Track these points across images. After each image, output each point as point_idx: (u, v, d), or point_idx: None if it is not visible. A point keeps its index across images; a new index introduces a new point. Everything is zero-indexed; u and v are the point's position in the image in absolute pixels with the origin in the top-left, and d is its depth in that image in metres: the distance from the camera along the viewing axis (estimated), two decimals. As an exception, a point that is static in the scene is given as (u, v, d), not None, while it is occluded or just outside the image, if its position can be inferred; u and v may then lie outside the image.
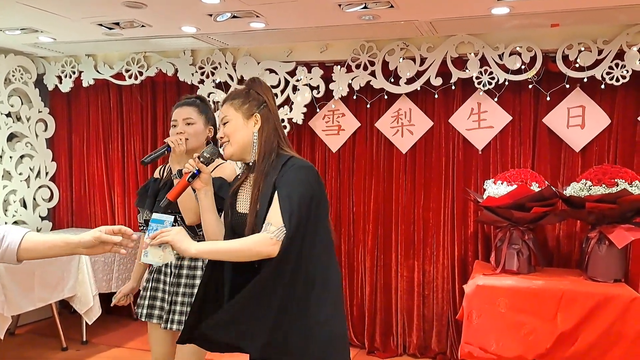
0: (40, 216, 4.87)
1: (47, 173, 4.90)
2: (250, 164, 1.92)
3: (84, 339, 4.20)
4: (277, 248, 1.70)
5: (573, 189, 3.23)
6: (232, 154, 1.90)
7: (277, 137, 1.89)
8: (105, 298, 4.23)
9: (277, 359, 1.74)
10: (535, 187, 3.23)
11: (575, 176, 3.52)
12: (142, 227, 2.60)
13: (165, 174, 2.53)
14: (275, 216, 1.72)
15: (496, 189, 3.32)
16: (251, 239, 1.74)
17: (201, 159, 1.94)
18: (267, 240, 1.70)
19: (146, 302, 2.50)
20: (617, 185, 3.05)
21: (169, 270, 2.46)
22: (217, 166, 2.42)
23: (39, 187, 4.84)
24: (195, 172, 1.91)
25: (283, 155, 1.85)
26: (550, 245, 3.73)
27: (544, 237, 3.72)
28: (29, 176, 4.74)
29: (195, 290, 2.34)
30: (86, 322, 4.11)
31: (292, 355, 1.73)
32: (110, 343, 4.24)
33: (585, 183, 3.17)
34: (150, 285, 2.52)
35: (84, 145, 4.91)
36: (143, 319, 2.51)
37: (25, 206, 4.73)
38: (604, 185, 3.09)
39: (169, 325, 2.41)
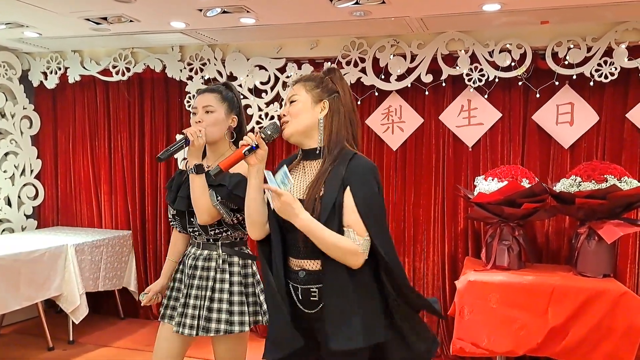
0: (25, 214, 4.79)
1: (32, 171, 4.82)
2: (317, 150, 1.88)
3: (71, 339, 4.13)
4: (361, 261, 1.74)
5: (563, 185, 3.25)
6: (292, 134, 1.88)
7: (347, 132, 1.88)
8: (92, 297, 4.20)
9: None
10: (525, 184, 3.25)
11: (564, 173, 3.55)
12: (171, 222, 2.44)
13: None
14: (357, 224, 1.74)
15: (487, 185, 3.33)
16: (347, 246, 1.73)
17: (262, 135, 1.87)
18: (356, 252, 1.73)
19: (169, 303, 2.38)
20: (607, 181, 3.08)
21: (185, 271, 2.33)
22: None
23: (24, 185, 4.76)
24: (253, 146, 1.85)
25: (348, 150, 1.85)
26: (539, 242, 3.75)
27: (533, 234, 3.75)
28: (13, 174, 4.66)
29: (208, 293, 2.25)
30: (73, 322, 4.04)
31: None
32: (98, 342, 4.18)
33: (575, 179, 3.19)
34: (174, 284, 2.40)
35: (70, 142, 4.84)
36: (159, 319, 2.38)
37: (9, 204, 4.65)
38: (593, 181, 3.11)
39: (180, 330, 2.25)
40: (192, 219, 2.31)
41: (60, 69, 4.61)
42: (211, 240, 2.31)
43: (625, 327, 2.89)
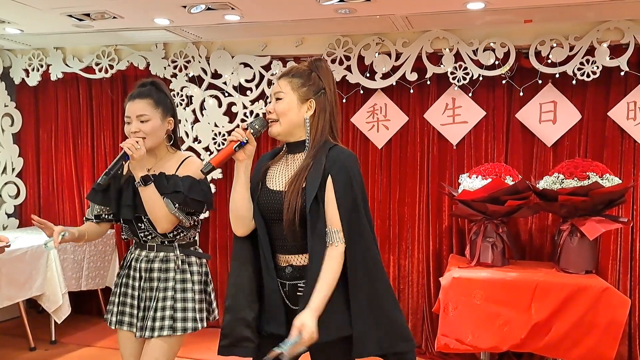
0: (6, 213, 4.72)
1: (13, 169, 4.76)
2: (301, 145, 1.87)
3: (53, 339, 4.08)
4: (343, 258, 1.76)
5: (546, 183, 3.28)
6: (279, 133, 1.88)
7: (330, 127, 1.88)
8: (74, 296, 4.15)
9: None
10: (509, 181, 3.28)
11: (547, 170, 3.59)
12: (94, 220, 2.37)
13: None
14: (336, 219, 1.75)
15: (471, 182, 3.35)
16: (332, 266, 1.74)
17: (251, 130, 1.84)
18: (340, 254, 1.75)
19: (116, 309, 2.30)
20: (589, 179, 3.11)
21: (137, 275, 2.27)
22: (183, 160, 2.24)
23: (5, 184, 4.70)
24: (243, 142, 1.83)
25: (328, 143, 1.85)
26: (522, 239, 3.79)
27: (516, 231, 3.78)
28: (-6, 172, 4.61)
29: (169, 294, 2.22)
30: (55, 322, 3.99)
31: None
32: (80, 342, 4.13)
33: (558, 176, 3.22)
34: (119, 290, 2.32)
35: (52, 140, 4.78)
36: (113, 327, 2.30)
37: (-10, 203, 4.60)
38: (575, 179, 3.15)
39: (145, 333, 2.19)
40: (140, 224, 2.26)
41: (42, 66, 4.55)
42: (166, 242, 2.27)
43: (607, 322, 2.93)
